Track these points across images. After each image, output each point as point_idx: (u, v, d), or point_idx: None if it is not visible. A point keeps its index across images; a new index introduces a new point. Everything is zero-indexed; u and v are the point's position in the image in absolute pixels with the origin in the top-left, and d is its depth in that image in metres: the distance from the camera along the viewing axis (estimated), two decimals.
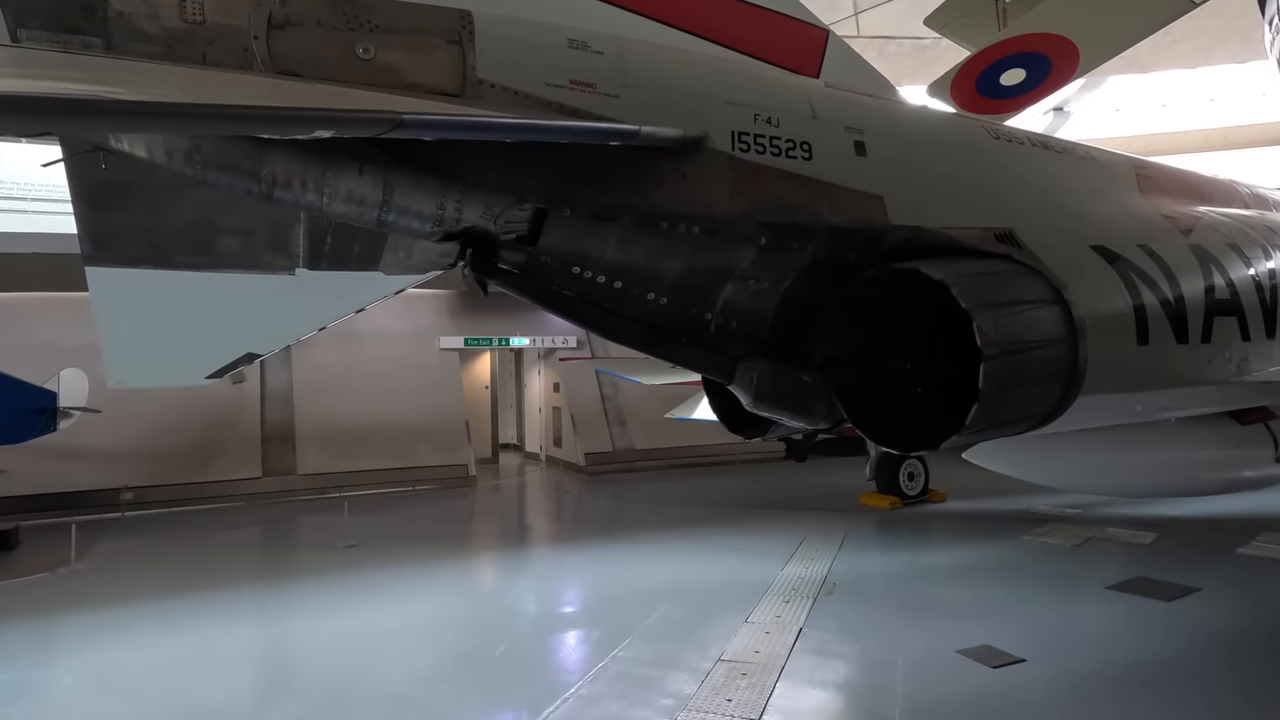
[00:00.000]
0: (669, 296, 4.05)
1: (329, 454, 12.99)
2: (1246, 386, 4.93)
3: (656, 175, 3.72)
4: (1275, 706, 3.98)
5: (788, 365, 4.45)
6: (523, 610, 6.27)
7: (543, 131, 3.14)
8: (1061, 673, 4.37)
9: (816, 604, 5.74)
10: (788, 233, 4.03)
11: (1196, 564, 6.62)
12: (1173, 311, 4.52)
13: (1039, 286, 4.09)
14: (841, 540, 7.86)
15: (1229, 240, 5.17)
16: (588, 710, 3.96)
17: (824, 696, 4.11)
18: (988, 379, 3.70)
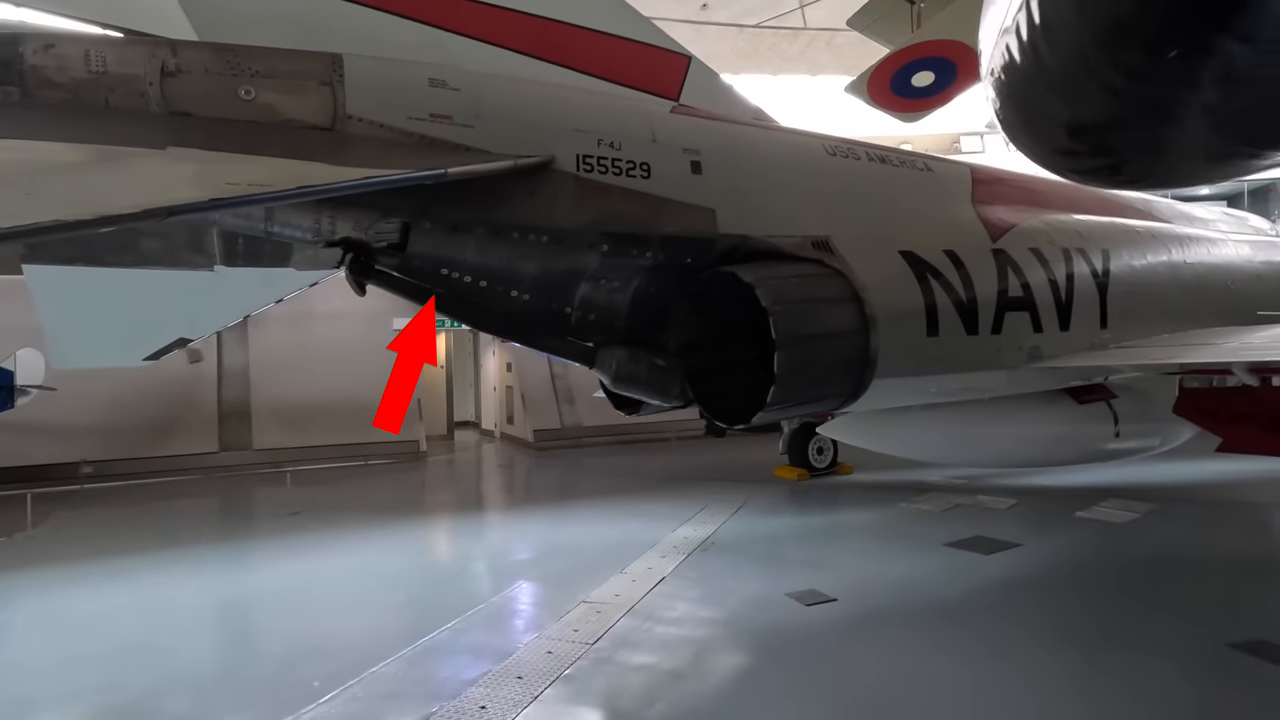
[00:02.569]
0: (530, 294, 4.80)
1: (284, 430, 13.65)
2: (1036, 371, 5.78)
3: (506, 193, 4.45)
4: (1033, 633, 4.86)
5: (645, 352, 5.23)
6: (432, 562, 7.06)
7: (336, 189, 3.59)
8: (863, 609, 5.24)
9: (689, 558, 6.58)
10: (628, 241, 4.79)
11: (1032, 525, 7.55)
12: (964, 308, 5.34)
13: (838, 287, 4.89)
14: (739, 507, 8.72)
15: (1033, 245, 5.98)
16: (458, 639, 4.77)
17: (657, 628, 4.92)
18: (781, 365, 4.51)
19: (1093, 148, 3.30)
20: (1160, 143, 2.81)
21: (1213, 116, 2.52)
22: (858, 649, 4.59)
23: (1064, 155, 3.54)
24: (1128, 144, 2.98)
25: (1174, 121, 2.60)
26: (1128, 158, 3.10)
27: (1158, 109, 2.55)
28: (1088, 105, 2.87)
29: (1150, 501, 8.34)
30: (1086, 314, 6.13)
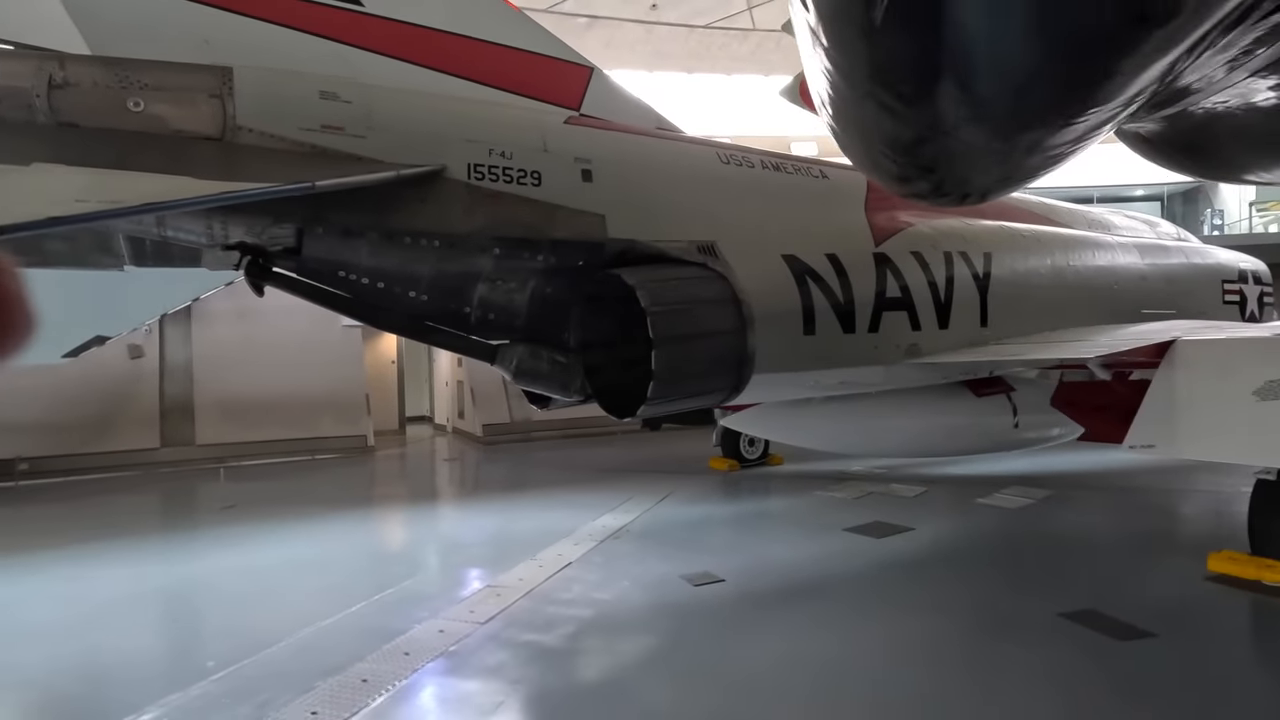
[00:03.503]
0: (428, 294, 5.06)
1: (228, 425, 13.69)
2: (915, 367, 6.21)
3: (399, 200, 4.71)
4: (895, 607, 5.29)
5: (546, 349, 5.53)
6: (353, 552, 7.24)
7: (190, 203, 3.83)
8: (747, 589, 5.63)
9: (600, 545, 6.92)
10: (520, 245, 5.09)
11: (932, 511, 8.04)
12: (841, 308, 5.74)
13: (718, 289, 5.24)
14: (663, 497, 9.09)
15: (915, 248, 6.41)
16: (358, 621, 5.04)
17: (549, 608, 5.25)
18: (658, 362, 4.85)
19: (914, 168, 3.64)
20: (954, 157, 3.12)
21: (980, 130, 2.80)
22: (732, 624, 4.96)
23: (895, 180, 3.89)
24: (936, 161, 3.30)
25: (955, 137, 2.89)
26: (941, 173, 3.44)
27: (936, 127, 2.85)
28: (886, 129, 3.22)
29: (1048, 489, 8.91)
30: (966, 313, 6.59)
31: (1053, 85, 1.84)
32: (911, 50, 1.89)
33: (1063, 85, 1.84)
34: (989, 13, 1.44)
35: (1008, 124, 2.26)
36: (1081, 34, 1.57)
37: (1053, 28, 1.51)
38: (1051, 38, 1.59)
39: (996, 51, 1.64)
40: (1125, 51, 1.53)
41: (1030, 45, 1.64)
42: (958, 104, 2.14)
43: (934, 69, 1.90)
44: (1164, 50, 1.51)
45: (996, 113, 2.18)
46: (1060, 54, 1.65)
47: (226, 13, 4.52)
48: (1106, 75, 1.74)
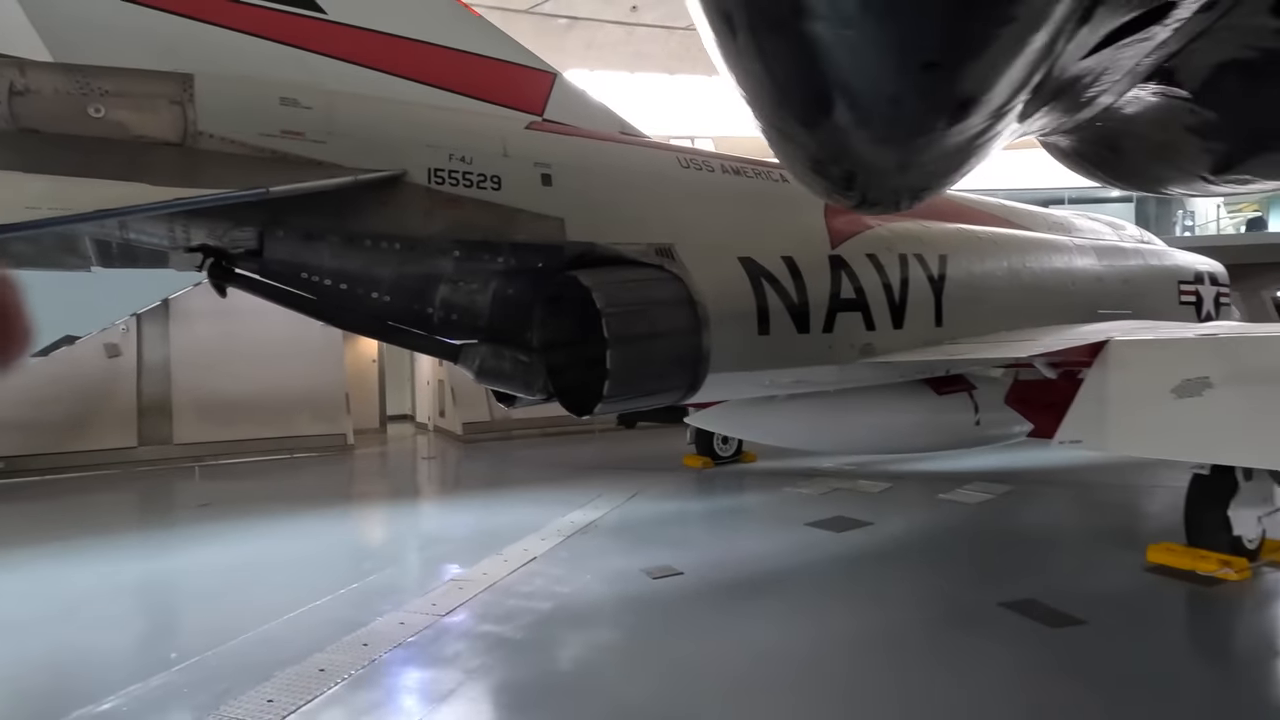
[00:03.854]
0: (391, 295, 5.19)
1: (207, 424, 13.71)
2: (869, 366, 6.40)
3: (359, 204, 4.83)
4: (843, 599, 5.48)
5: (509, 349, 5.67)
6: (324, 547, 7.31)
7: (159, 207, 3.93)
8: (705, 581, 5.80)
9: (567, 540, 7.07)
10: (480, 247, 5.22)
11: (894, 506, 8.25)
12: (796, 309, 5.92)
13: (673, 290, 5.40)
14: (635, 494, 9.26)
15: (870, 251, 6.59)
16: (321, 613, 5.16)
17: (509, 600, 5.40)
18: (613, 361, 4.99)
19: (834, 183, 3.77)
20: (865, 171, 3.27)
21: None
22: (685, 615, 5.13)
23: (825, 194, 4.04)
24: (852, 176, 3.46)
25: (856, 153, 3.04)
26: (860, 186, 3.60)
27: (836, 147, 3.00)
28: (796, 151, 3.35)
29: (1010, 484, 9.15)
30: (921, 313, 6.78)
31: (914, 97, 1.97)
32: (783, 75, 2.02)
33: (923, 97, 1.97)
34: (835, 35, 1.56)
35: (897, 136, 2.41)
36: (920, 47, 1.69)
37: (895, 42, 1.62)
38: (896, 51, 1.69)
39: (858, 70, 1.77)
40: (966, 60, 1.64)
41: (883, 60, 1.75)
42: (845, 124, 2.28)
43: (811, 93, 2.03)
44: (1005, 58, 1.62)
45: (882, 127, 2.32)
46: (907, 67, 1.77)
47: (189, 20, 4.62)
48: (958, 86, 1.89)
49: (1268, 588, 5.33)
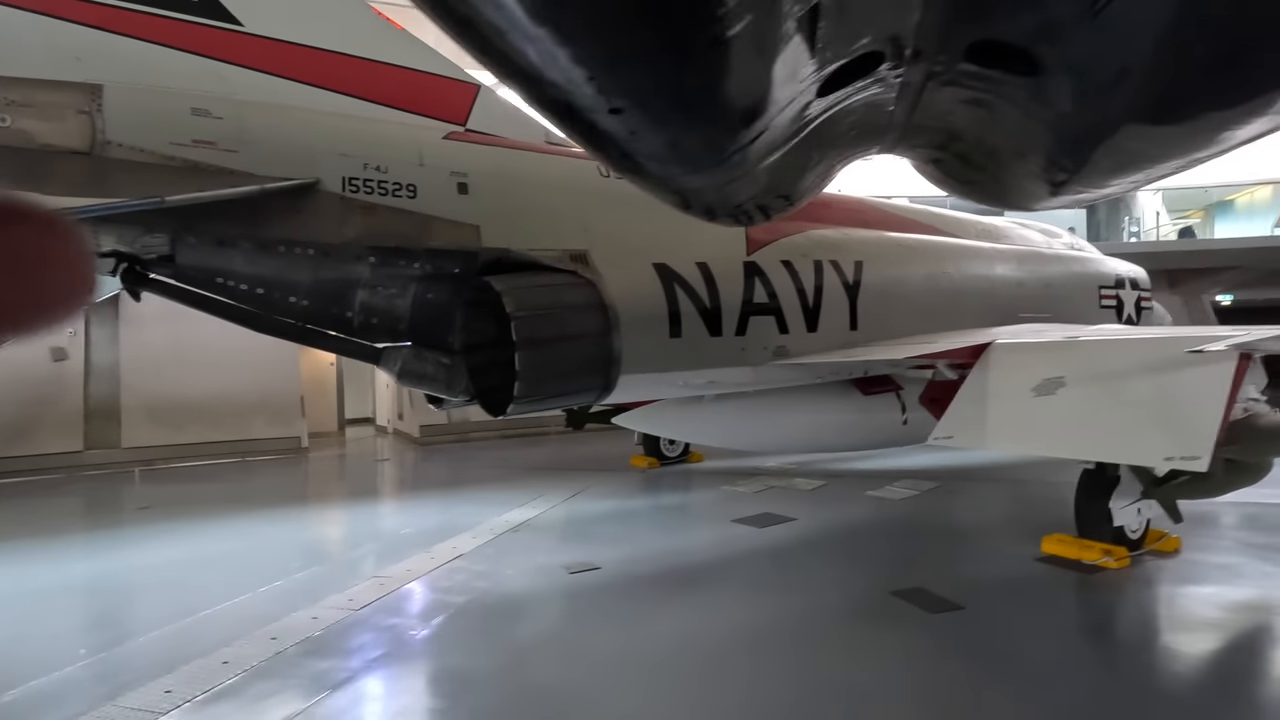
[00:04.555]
0: (309, 299, 5.34)
1: (156, 428, 13.63)
2: (782, 367, 6.67)
3: (272, 211, 4.98)
4: (751, 589, 5.73)
5: (431, 351, 5.85)
6: (255, 547, 7.36)
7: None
8: (622, 575, 6.02)
9: (497, 538, 7.25)
10: (395, 254, 5.40)
11: (821, 503, 8.54)
12: (708, 312, 6.17)
13: (584, 295, 5.62)
14: (576, 493, 9.46)
15: (785, 257, 6.87)
16: (238, 610, 5.26)
17: (427, 594, 5.58)
18: (521, 364, 5.20)
19: (678, 206, 4.01)
20: (693, 196, 3.50)
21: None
22: (595, 608, 5.34)
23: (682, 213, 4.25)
24: (687, 200, 3.67)
25: (678, 184, 3.28)
26: (699, 207, 3.84)
27: (663, 180, 3.22)
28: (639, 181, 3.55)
29: (938, 481, 9.50)
30: (835, 317, 7.08)
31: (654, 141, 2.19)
32: (591, 139, 2.21)
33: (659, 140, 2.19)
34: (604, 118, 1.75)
35: (682, 172, 2.62)
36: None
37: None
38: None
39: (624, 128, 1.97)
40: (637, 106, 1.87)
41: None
42: (644, 167, 2.49)
43: (615, 148, 2.22)
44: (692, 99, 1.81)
45: (665, 168, 2.53)
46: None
47: (104, 32, 4.75)
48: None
49: (1142, 575, 5.68)
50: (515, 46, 1.41)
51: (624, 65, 1.45)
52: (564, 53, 1.34)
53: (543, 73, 1.45)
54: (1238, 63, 1.62)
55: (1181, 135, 2.20)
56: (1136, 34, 1.57)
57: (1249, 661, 4.40)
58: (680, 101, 1.72)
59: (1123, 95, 1.85)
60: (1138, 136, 2.22)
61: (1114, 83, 1.77)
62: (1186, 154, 2.32)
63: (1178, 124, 2.14)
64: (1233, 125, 2.00)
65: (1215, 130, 2.08)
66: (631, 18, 1.35)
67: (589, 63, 1.39)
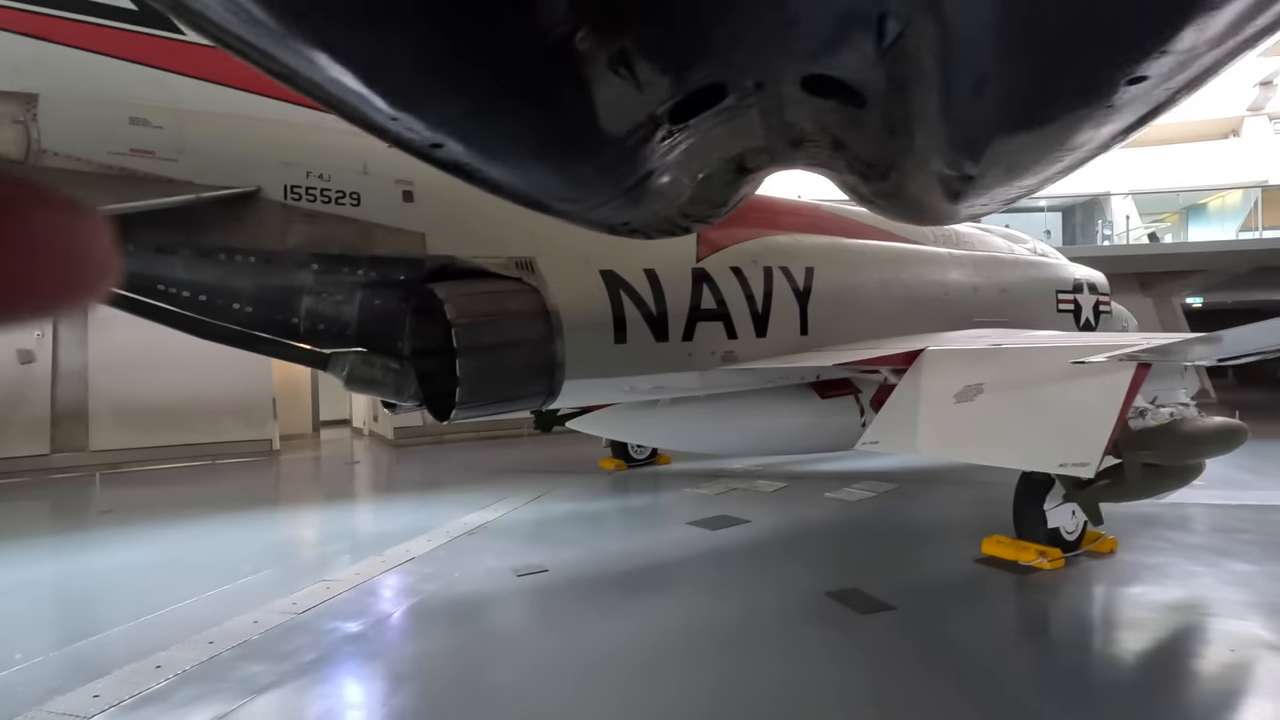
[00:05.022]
0: (253, 306, 5.39)
1: (125, 431, 13.59)
2: (730, 372, 6.78)
3: (212, 220, 5.03)
4: (691, 590, 5.83)
5: (380, 356, 5.90)
6: (208, 551, 7.39)
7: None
8: (569, 578, 6.10)
9: (452, 541, 7.31)
10: (338, 261, 5.46)
11: (778, 505, 8.66)
12: (654, 318, 6.26)
13: (528, 302, 5.70)
14: (539, 495, 9.53)
15: (735, 264, 6.98)
16: (181, 615, 5.30)
17: (370, 599, 5.64)
18: (463, 370, 5.28)
19: (600, 229, 4.17)
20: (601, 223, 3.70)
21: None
22: (537, 610, 5.43)
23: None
24: (610, 226, 3.84)
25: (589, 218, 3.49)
26: (621, 227, 3.97)
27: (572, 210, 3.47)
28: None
29: (897, 483, 9.65)
30: (785, 322, 7.20)
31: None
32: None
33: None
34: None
35: (587, 206, 2.74)
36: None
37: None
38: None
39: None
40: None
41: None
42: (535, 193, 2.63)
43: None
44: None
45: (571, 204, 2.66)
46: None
47: (41, 41, 4.78)
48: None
49: (1073, 576, 5.82)
50: (343, 100, 1.50)
51: (434, 105, 1.54)
52: (375, 87, 1.43)
53: (360, 110, 1.54)
54: (1034, 87, 1.73)
55: (1035, 142, 2.29)
56: (931, 66, 1.68)
57: (1165, 659, 4.54)
58: (502, 137, 1.82)
59: (951, 116, 1.95)
60: (1001, 147, 2.32)
61: (937, 106, 1.88)
62: (1052, 159, 2.42)
63: (1031, 130, 2.24)
64: (1073, 131, 2.09)
65: (1062, 136, 2.19)
66: (444, 63, 1.45)
67: (395, 100, 1.48)
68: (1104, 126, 2.10)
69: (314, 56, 1.39)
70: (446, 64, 1.37)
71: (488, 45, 1.36)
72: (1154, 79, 1.58)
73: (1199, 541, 6.66)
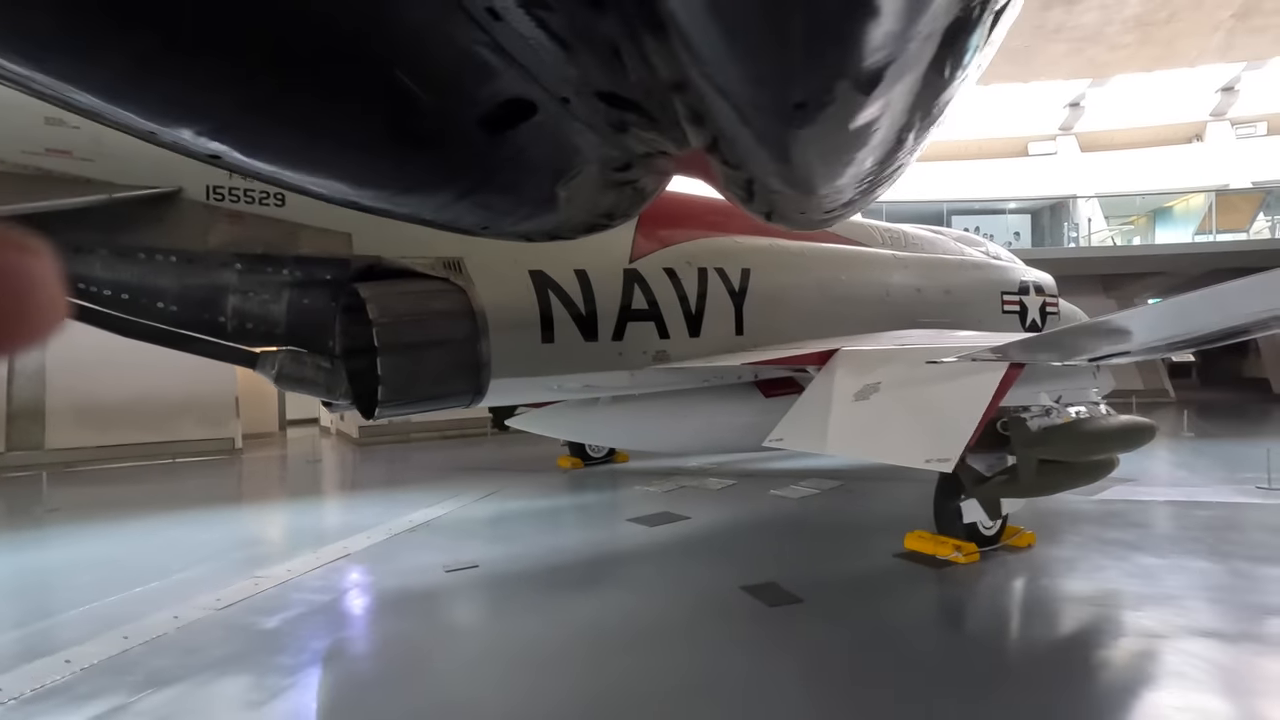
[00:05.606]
0: (178, 305, 5.43)
1: (83, 429, 13.52)
2: (662, 371, 6.90)
3: (132, 219, 5.08)
4: (613, 585, 5.94)
5: (310, 355, 5.97)
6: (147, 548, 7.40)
7: None
8: (496, 574, 6.20)
9: (393, 538, 7.39)
10: (262, 261, 5.51)
11: (723, 501, 8.81)
12: (583, 318, 6.37)
13: (453, 301, 5.78)
14: (489, 493, 9.62)
15: (669, 265, 7.10)
16: (104, 611, 5.33)
17: (294, 594, 5.70)
18: (384, 369, 5.35)
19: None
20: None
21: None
22: (454, 604, 5.53)
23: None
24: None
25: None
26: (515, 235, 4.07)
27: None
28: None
29: (842, 480, 9.83)
30: (720, 323, 7.33)
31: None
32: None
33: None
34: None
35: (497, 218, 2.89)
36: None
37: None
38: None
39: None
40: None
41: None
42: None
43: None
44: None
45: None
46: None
47: None
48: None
49: (985, 570, 5.99)
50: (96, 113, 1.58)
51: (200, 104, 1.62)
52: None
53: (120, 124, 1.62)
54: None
55: (827, 147, 2.39)
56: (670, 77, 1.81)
57: (1052, 650, 4.69)
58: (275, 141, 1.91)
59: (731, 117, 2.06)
60: (804, 152, 2.42)
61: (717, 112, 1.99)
62: (846, 164, 2.52)
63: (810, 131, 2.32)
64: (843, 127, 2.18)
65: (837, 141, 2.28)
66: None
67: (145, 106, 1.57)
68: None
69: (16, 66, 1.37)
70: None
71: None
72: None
73: (1117, 536, 6.86)
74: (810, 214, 3.39)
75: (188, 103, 1.65)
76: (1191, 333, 3.72)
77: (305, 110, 1.80)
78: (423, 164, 2.26)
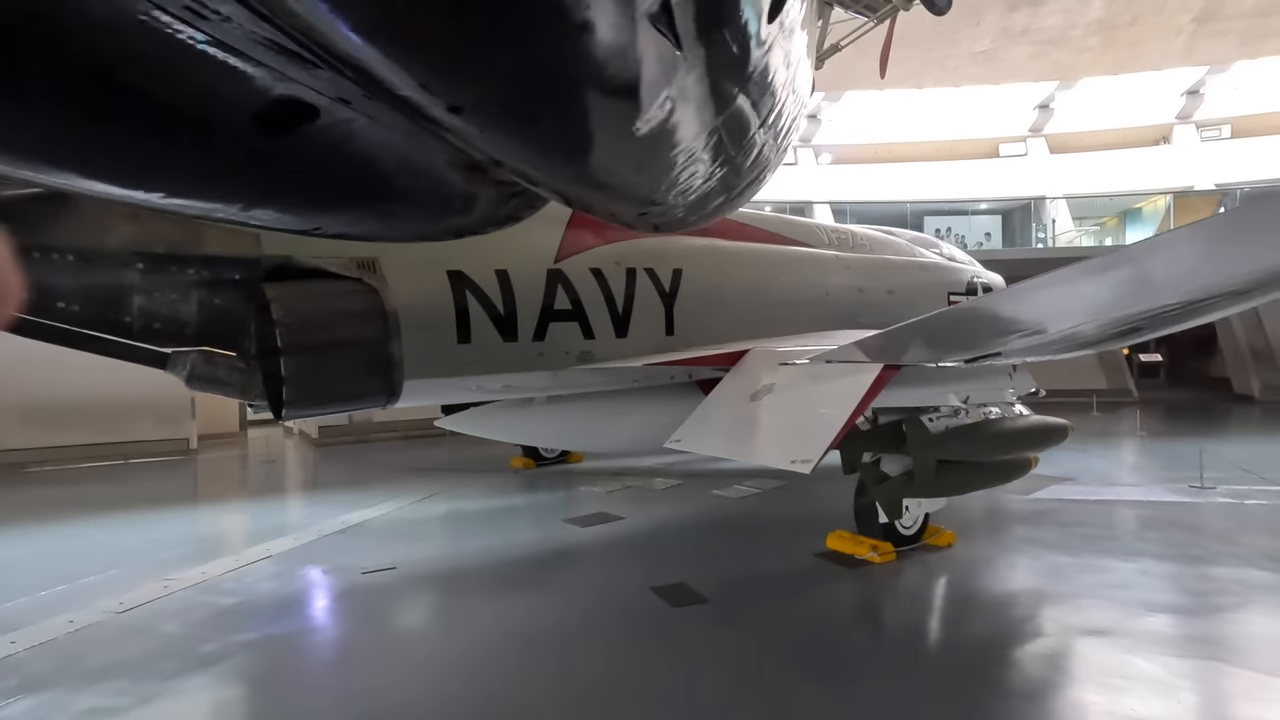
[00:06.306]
0: (80, 305, 5.36)
1: (31, 430, 13.34)
2: (586, 371, 6.89)
3: (25, 218, 5.00)
4: (532, 585, 5.93)
5: (224, 355, 5.90)
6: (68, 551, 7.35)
7: None
8: (413, 576, 6.17)
9: (320, 540, 7.33)
10: (165, 260, 5.45)
11: (663, 502, 8.81)
12: (502, 319, 6.35)
13: (364, 301, 5.73)
14: (430, 494, 9.57)
15: (595, 265, 7.08)
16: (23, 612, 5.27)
17: (203, 597, 5.65)
18: (288, 369, 5.29)
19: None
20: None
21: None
22: (359, 607, 5.49)
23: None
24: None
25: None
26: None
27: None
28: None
29: (785, 480, 9.83)
30: (649, 323, 7.33)
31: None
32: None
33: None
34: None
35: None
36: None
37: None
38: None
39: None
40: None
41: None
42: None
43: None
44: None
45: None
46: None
47: None
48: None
49: (899, 569, 6.03)
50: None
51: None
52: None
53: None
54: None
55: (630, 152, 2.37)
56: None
57: (946, 646, 4.72)
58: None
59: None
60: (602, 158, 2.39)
61: None
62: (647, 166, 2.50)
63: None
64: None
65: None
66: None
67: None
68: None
69: None
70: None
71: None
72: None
73: (1036, 535, 6.92)
74: (652, 216, 3.37)
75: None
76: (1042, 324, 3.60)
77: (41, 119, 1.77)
78: (194, 163, 2.23)
